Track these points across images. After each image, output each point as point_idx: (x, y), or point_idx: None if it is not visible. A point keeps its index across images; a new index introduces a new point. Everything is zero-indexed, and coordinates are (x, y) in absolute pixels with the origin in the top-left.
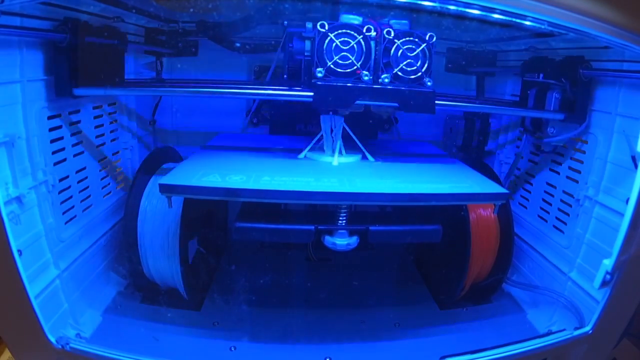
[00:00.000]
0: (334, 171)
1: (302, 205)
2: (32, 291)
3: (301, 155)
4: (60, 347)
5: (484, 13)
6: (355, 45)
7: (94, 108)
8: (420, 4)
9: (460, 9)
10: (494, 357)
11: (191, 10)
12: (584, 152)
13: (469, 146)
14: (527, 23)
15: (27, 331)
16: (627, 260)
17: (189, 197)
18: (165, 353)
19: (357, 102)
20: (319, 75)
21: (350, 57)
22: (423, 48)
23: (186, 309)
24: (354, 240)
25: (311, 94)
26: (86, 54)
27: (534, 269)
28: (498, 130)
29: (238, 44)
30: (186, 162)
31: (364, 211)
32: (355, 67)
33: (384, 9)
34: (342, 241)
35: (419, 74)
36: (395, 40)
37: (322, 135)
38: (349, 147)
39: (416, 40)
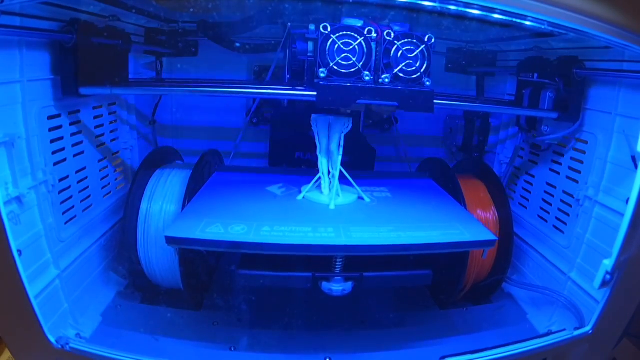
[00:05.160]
0: (331, 217)
1: None
2: (32, 291)
3: (300, 197)
4: (60, 347)
5: (484, 13)
6: (356, 47)
7: (94, 108)
8: (421, 4)
9: (460, 9)
10: (494, 357)
11: (191, 10)
12: (584, 152)
13: (469, 146)
14: (528, 23)
15: (27, 331)
16: (627, 260)
17: (195, 249)
18: (165, 353)
19: (358, 101)
20: (322, 75)
21: (352, 58)
22: (422, 49)
23: (186, 309)
24: (348, 286)
25: (314, 93)
26: (92, 54)
27: (534, 269)
28: (498, 130)
29: (238, 44)
30: (190, 206)
31: (359, 257)
32: (356, 68)
33: (385, 10)
34: (337, 287)
35: (418, 74)
36: (395, 42)
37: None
38: (346, 176)
39: (415, 41)
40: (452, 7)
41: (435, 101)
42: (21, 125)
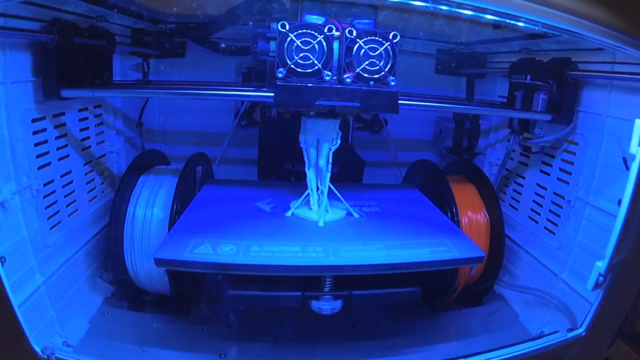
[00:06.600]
0: (320, 235)
1: None
2: (15, 300)
3: (288, 214)
4: (45, 357)
5: (476, 14)
6: (316, 45)
7: (80, 110)
8: (412, 4)
9: (453, 9)
10: None
11: (175, 10)
12: (574, 154)
13: (459, 148)
14: (520, 24)
15: (11, 341)
16: (620, 261)
17: (183, 270)
18: None
19: (318, 102)
20: (280, 75)
21: (312, 57)
22: (387, 47)
23: (174, 315)
24: (338, 304)
25: (272, 94)
26: (74, 55)
27: (526, 270)
28: (488, 132)
29: (226, 46)
30: (178, 224)
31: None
32: (316, 67)
33: (370, 9)
34: (327, 306)
35: (382, 73)
36: (358, 40)
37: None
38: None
39: (379, 39)
40: (445, 8)
41: (401, 102)
42: (4, 129)
